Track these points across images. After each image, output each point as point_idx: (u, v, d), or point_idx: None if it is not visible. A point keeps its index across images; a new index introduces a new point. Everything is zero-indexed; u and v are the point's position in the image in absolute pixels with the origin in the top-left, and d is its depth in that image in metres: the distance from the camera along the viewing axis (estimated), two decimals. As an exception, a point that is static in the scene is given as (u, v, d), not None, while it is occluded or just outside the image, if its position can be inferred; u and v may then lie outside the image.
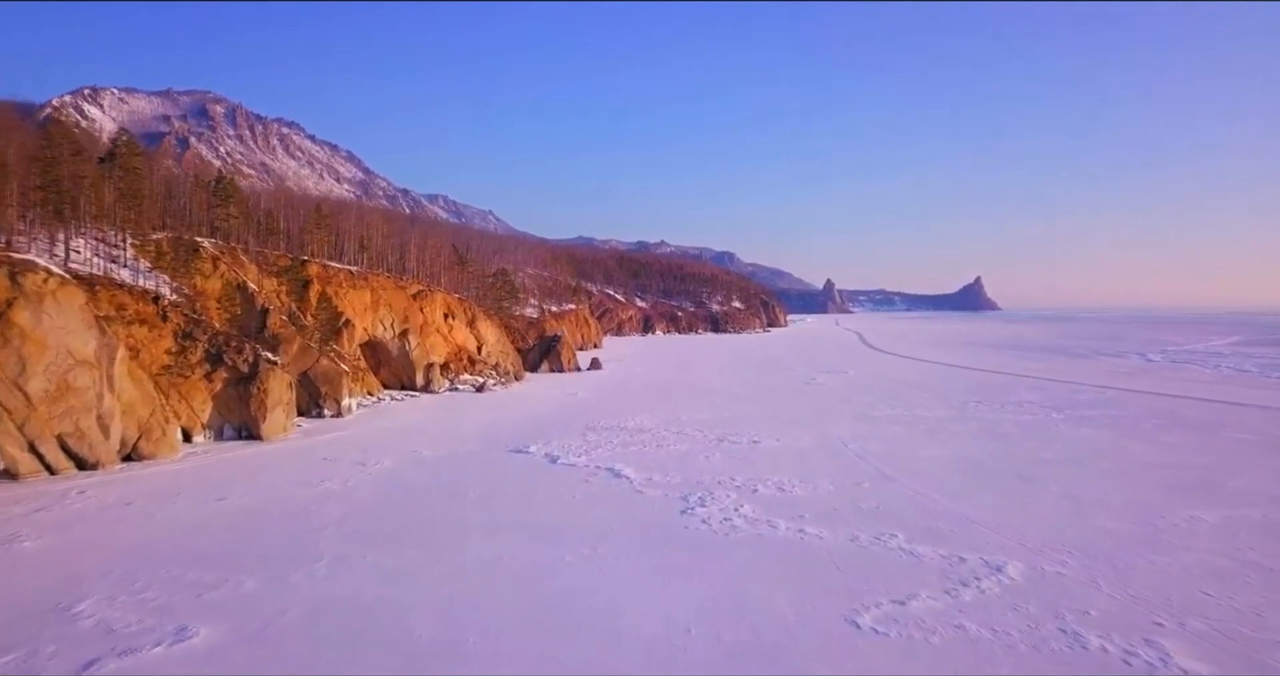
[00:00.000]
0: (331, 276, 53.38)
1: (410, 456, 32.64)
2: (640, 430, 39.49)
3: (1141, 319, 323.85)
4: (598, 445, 35.10)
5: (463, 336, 63.24)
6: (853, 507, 24.07)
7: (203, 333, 36.30)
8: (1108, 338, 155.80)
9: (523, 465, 30.91)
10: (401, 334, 55.87)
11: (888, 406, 49.04)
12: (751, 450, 33.94)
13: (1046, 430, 39.66)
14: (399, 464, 31.12)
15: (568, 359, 75.39)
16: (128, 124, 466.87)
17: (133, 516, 23.01)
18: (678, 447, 34.54)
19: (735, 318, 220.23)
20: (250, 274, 45.36)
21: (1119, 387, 59.92)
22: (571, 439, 36.77)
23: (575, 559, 19.10)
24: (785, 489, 26.54)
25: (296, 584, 17.38)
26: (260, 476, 28.65)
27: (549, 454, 32.99)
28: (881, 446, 34.79)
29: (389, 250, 65.10)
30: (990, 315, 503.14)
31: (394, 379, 56.33)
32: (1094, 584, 17.42)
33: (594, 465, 30.59)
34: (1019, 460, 31.74)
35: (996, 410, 47.25)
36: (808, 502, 24.67)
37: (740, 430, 39.25)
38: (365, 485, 27.30)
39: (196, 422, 35.28)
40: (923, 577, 17.76)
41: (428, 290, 61.84)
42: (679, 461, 31.39)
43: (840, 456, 32.64)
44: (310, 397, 43.50)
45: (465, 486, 27.01)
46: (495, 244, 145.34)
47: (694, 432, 38.56)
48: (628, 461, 31.29)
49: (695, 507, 24.03)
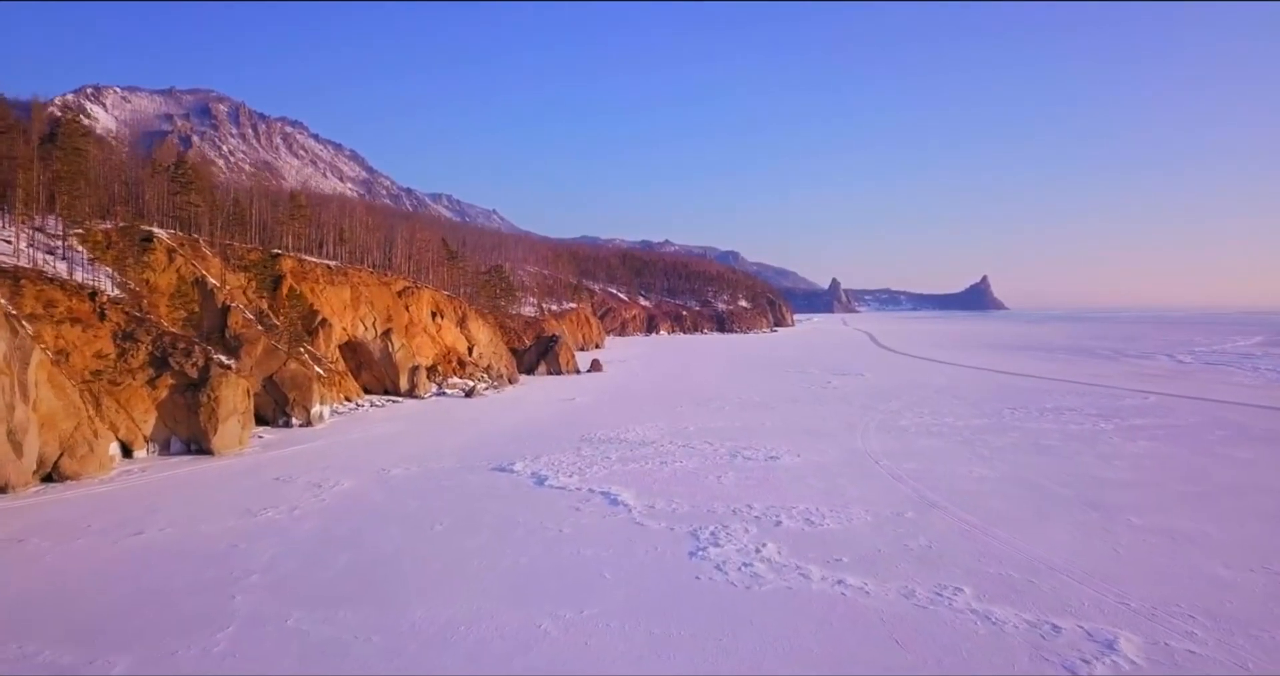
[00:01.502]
0: (308, 271, 49.20)
1: (376, 476, 28.37)
2: (642, 442, 35.18)
3: (1152, 319, 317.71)
4: (593, 461, 30.79)
5: (452, 337, 59.00)
6: (899, 547, 19.72)
7: (146, 333, 32.11)
8: (1125, 338, 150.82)
9: (504, 488, 26.61)
10: (384, 334, 51.66)
11: (914, 414, 44.61)
12: (769, 468, 29.58)
13: (1098, 442, 35.21)
14: (361, 485, 26.85)
15: (566, 360, 71.13)
16: (130, 123, 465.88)
17: (14, 560, 18.78)
18: (685, 464, 30.22)
19: (742, 317, 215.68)
20: (213, 268, 41.19)
21: (1160, 392, 55.34)
22: (564, 453, 32.47)
23: (554, 626, 14.79)
24: (814, 520, 22.20)
25: (181, 665, 13.13)
26: (194, 502, 24.43)
27: (536, 473, 28.69)
28: (917, 463, 30.40)
29: (374, 244, 60.93)
30: (998, 315, 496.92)
31: (376, 383, 52.13)
32: (1243, 669, 13.07)
33: (587, 488, 26.28)
34: (1080, 481, 27.32)
35: (1035, 418, 42.79)
36: (844, 540, 20.33)
37: (754, 443, 34.91)
38: (313, 515, 23.04)
39: (137, 435, 31.09)
40: (1010, 657, 13.42)
41: (414, 287, 57.60)
42: (686, 482, 27.07)
43: (872, 476, 28.26)
44: (276, 405, 39.30)
45: (431, 517, 22.72)
46: (494, 240, 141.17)
47: (702, 446, 34.23)
48: (627, 482, 26.99)
49: (707, 547, 19.70)
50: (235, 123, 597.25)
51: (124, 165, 43.54)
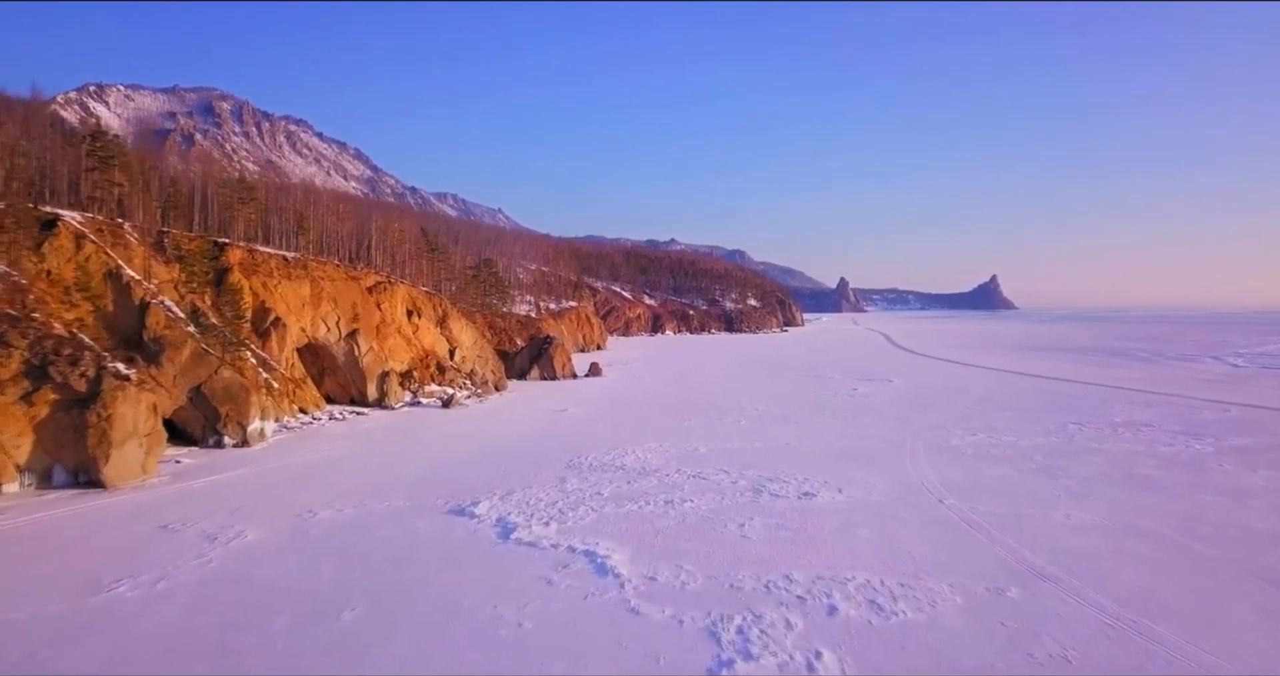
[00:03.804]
0: (259, 263, 42.77)
1: (295, 522, 21.86)
2: (642, 470, 28.61)
3: (1163, 319, 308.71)
4: (579, 500, 24.20)
5: (431, 338, 52.50)
6: (1020, 658, 13.11)
7: (21, 336, 25.71)
8: (1156, 338, 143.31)
9: (457, 543, 20.06)
10: (349, 335, 45.19)
11: (964, 430, 37.89)
12: (805, 510, 22.94)
13: (1207, 471, 28.47)
14: (268, 538, 20.35)
15: (562, 364, 64.51)
16: (133, 121, 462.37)
17: None
18: (696, 504, 23.59)
19: (751, 316, 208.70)
20: (135, 258, 34.78)
21: (1237, 402, 48.40)
22: (543, 487, 25.92)
23: None
24: (881, 604, 15.58)
25: None
26: (30, 566, 17.98)
27: (503, 518, 22.12)
28: (994, 502, 23.72)
29: (345, 235, 54.47)
30: (1009, 315, 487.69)
31: (341, 391, 45.70)
32: None
33: (566, 543, 19.69)
34: (1220, 533, 20.59)
35: (1110, 436, 36.05)
36: (933, 644, 13.70)
37: (781, 470, 28.30)
38: (179, 592, 16.53)
39: (6, 465, 24.67)
40: None
41: (388, 282, 51.09)
42: (699, 534, 20.48)
43: (941, 523, 21.59)
44: (206, 421, 32.87)
45: (342, 597, 16.18)
46: (490, 235, 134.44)
47: (717, 475, 27.62)
48: (620, 535, 20.42)
49: (733, 660, 13.14)
50: (239, 121, 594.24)
51: (19, 137, 37.00)
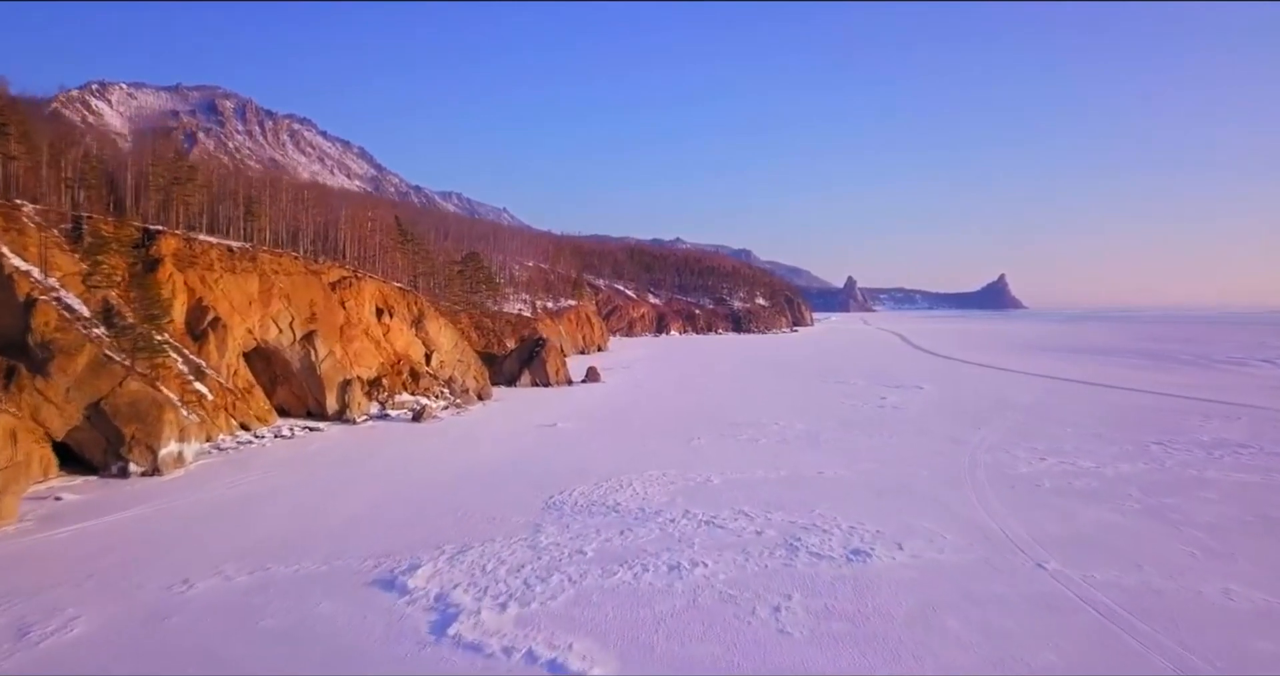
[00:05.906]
0: (198, 255, 36.80)
1: (157, 602, 15.78)
2: (641, 513, 22.46)
3: (1185, 319, 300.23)
4: (554, 564, 18.05)
5: (404, 341, 46.50)
6: None
7: None
8: (1191, 340, 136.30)
9: (369, 643, 13.93)
10: (306, 338, 39.17)
11: (1028, 452, 31.65)
12: (858, 582, 16.73)
13: (1363, 515, 22.20)
14: (105, 631, 14.27)
15: (555, 369, 58.37)
16: (136, 119, 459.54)
17: None
18: (711, 572, 17.41)
19: (759, 316, 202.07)
20: (30, 245, 28.87)
21: (1328, 415, 41.97)
22: (509, 541, 19.80)
23: None
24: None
25: None
26: None
27: (444, 595, 16.00)
28: (1110, 567, 17.48)
29: (309, 226, 48.49)
30: (1020, 315, 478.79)
31: (296, 402, 39.72)
32: None
33: (525, 647, 13.54)
34: None
35: (1207, 461, 29.81)
36: None
37: (818, 513, 22.12)
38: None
39: None
40: None
41: (354, 277, 45.12)
42: (717, 627, 14.32)
43: (1056, 607, 15.34)
44: (108, 444, 26.90)
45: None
46: (485, 229, 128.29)
47: (737, 521, 21.45)
48: (604, 629, 14.29)
49: None
50: (242, 119, 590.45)
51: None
